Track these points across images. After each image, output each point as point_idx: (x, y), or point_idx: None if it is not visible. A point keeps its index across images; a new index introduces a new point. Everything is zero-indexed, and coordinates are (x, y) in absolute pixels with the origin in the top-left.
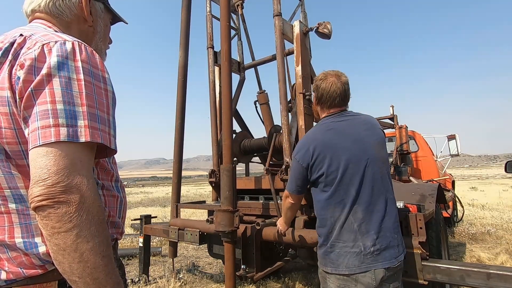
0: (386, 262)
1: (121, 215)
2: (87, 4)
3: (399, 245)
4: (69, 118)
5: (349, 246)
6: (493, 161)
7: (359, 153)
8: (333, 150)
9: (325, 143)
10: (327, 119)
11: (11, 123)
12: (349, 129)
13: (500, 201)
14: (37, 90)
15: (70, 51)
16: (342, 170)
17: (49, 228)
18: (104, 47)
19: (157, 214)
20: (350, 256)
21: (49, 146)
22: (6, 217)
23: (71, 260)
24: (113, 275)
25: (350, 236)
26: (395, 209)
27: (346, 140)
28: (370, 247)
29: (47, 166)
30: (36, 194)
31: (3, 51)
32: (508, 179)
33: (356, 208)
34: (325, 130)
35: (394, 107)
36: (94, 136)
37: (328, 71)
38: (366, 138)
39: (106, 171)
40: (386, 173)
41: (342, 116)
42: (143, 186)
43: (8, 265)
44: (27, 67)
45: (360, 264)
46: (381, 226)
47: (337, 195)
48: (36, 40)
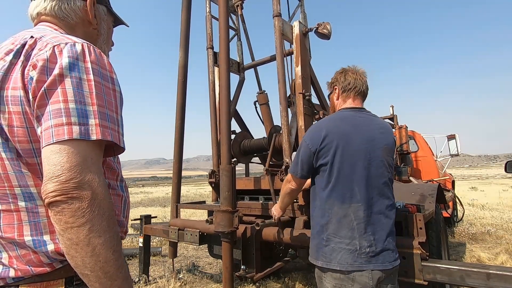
0: (379, 264)
1: (125, 214)
2: (92, 7)
3: (394, 250)
4: (81, 117)
5: (345, 243)
6: (493, 161)
7: (368, 152)
8: (345, 142)
9: (339, 132)
10: (347, 110)
11: (23, 122)
12: (366, 127)
13: (500, 201)
14: (50, 89)
15: (80, 52)
16: (348, 164)
17: (63, 223)
18: (107, 49)
19: (157, 214)
20: (344, 252)
21: (62, 143)
22: (16, 215)
23: (83, 254)
24: (123, 269)
25: (347, 233)
26: (393, 214)
27: (359, 136)
28: (365, 248)
29: (60, 163)
30: (50, 190)
31: (15, 52)
32: (508, 179)
33: (358, 207)
34: (342, 119)
35: (394, 107)
36: (104, 134)
37: (345, 67)
38: (378, 140)
39: (112, 170)
40: (389, 179)
41: (363, 113)
42: (143, 186)
43: (16, 263)
44: (39, 68)
45: (353, 262)
46: (379, 229)
47: (340, 189)
48: (47, 41)
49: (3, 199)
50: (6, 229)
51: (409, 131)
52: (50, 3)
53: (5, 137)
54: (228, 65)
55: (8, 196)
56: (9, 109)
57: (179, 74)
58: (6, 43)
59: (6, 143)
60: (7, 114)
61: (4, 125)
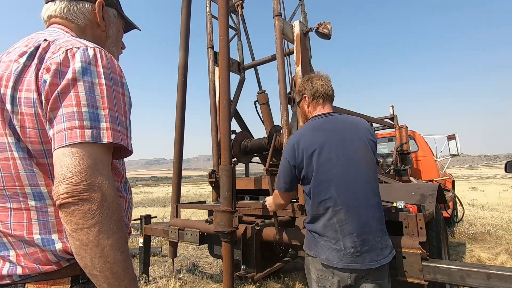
0: (366, 263)
1: (128, 216)
2: (100, 10)
3: (384, 248)
4: (93, 120)
5: (332, 243)
6: (493, 161)
7: (343, 155)
8: (319, 151)
9: (312, 142)
10: (318, 118)
11: (35, 124)
12: (337, 130)
13: (500, 201)
14: (63, 93)
15: (92, 57)
16: (325, 170)
17: (73, 224)
18: (116, 51)
19: (157, 214)
20: (331, 251)
21: (74, 146)
22: (26, 213)
23: (92, 255)
24: (130, 270)
25: (332, 234)
26: (380, 212)
27: (331, 141)
28: (350, 248)
29: (72, 165)
30: (61, 192)
31: (29, 54)
32: (508, 179)
33: (339, 210)
34: (313, 129)
35: (394, 107)
36: (115, 137)
37: (311, 73)
38: (352, 140)
39: (117, 173)
40: (372, 177)
41: (332, 116)
42: (143, 186)
43: (24, 261)
44: (53, 71)
45: (340, 261)
46: (363, 229)
47: (320, 195)
48: (60, 45)
49: (13, 198)
50: (15, 227)
51: (409, 131)
52: (60, 5)
53: (17, 137)
54: (228, 65)
55: (19, 195)
56: (21, 110)
57: (179, 74)
58: (20, 45)
59: (18, 143)
60: (20, 115)
61: (16, 126)
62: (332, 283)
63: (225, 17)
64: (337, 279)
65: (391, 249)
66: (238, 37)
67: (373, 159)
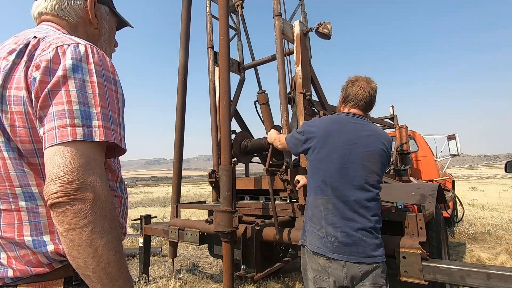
0: (345, 256)
1: (123, 216)
2: (92, 7)
3: (372, 249)
4: (84, 119)
5: (316, 229)
6: (493, 161)
7: (345, 154)
8: (324, 141)
9: (325, 130)
10: (345, 114)
11: (25, 122)
12: (353, 130)
13: (500, 201)
14: (53, 91)
15: (83, 54)
16: (323, 160)
17: (65, 224)
18: (109, 49)
19: (157, 214)
20: (314, 236)
21: (65, 145)
22: (16, 214)
23: (85, 255)
24: (124, 271)
25: (318, 221)
26: (373, 219)
27: (341, 138)
28: (331, 237)
29: (63, 164)
30: (52, 191)
31: (18, 52)
32: (508, 179)
33: (328, 200)
34: (333, 121)
35: (394, 107)
36: (107, 136)
37: (360, 75)
38: (362, 145)
39: (112, 172)
40: (371, 185)
41: (357, 118)
42: (143, 186)
43: (15, 263)
44: (42, 69)
45: (321, 246)
46: (349, 225)
47: (314, 182)
48: (50, 42)
49: (3, 199)
50: (6, 229)
51: (409, 131)
52: (51, 2)
53: (7, 137)
54: (228, 65)
55: (9, 195)
56: (11, 109)
57: (179, 74)
58: (9, 43)
59: (8, 143)
60: (9, 114)
61: (6, 125)
62: (328, 283)
63: (225, 17)
64: (333, 279)
65: (382, 253)
66: (238, 37)
67: (378, 168)
